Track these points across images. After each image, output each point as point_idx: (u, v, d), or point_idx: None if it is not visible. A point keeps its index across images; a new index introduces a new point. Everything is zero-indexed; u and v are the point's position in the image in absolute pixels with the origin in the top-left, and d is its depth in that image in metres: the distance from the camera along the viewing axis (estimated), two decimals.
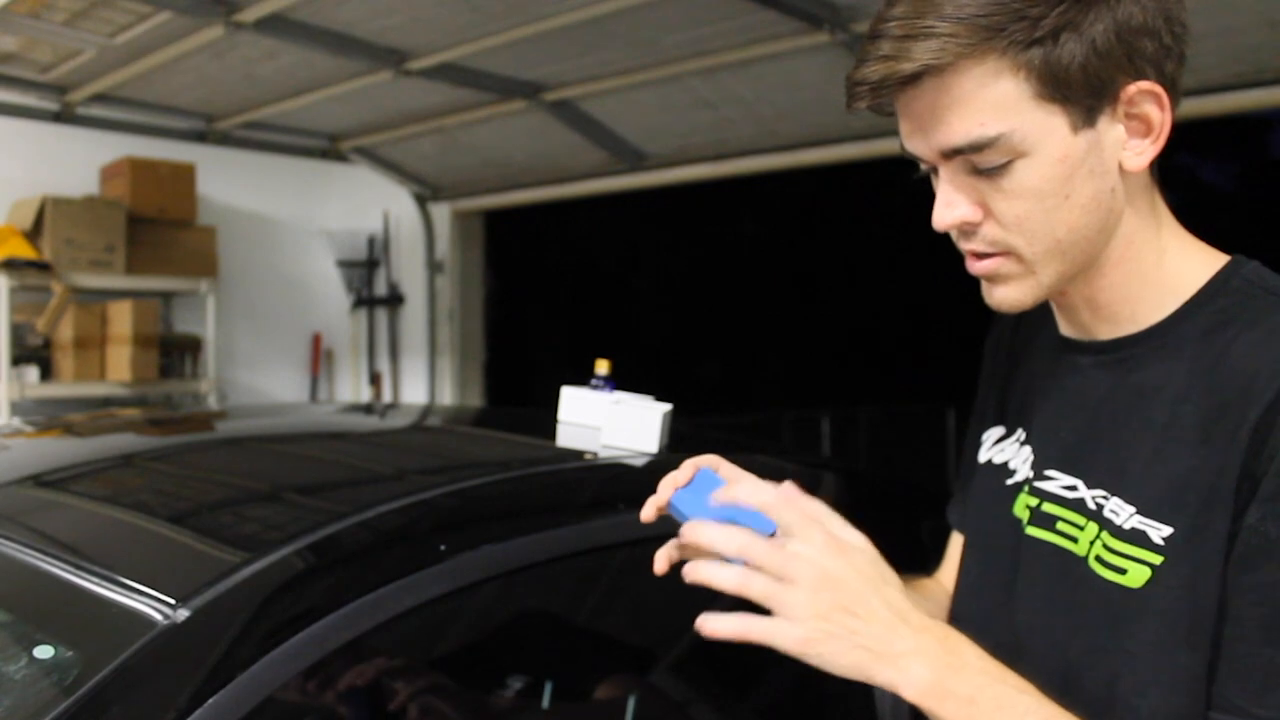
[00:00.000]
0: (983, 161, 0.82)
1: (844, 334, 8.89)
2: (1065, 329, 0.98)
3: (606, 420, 1.56)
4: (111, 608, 1.04)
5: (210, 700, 0.93)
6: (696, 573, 0.82)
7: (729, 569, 0.79)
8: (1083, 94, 0.81)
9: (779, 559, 0.79)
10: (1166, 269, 0.89)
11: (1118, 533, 0.86)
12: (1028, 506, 0.97)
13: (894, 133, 0.89)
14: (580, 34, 3.26)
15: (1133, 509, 0.86)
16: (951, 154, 0.83)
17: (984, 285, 0.90)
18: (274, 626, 1.02)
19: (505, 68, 3.70)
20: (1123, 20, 0.80)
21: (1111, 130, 0.83)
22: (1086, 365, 0.95)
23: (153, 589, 1.04)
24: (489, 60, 3.60)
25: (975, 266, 0.89)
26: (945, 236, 0.91)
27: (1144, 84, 0.82)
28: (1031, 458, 0.99)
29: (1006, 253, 0.86)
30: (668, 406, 1.57)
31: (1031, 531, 0.96)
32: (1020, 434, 1.03)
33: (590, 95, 3.91)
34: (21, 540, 1.22)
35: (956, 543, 1.15)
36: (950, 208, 0.86)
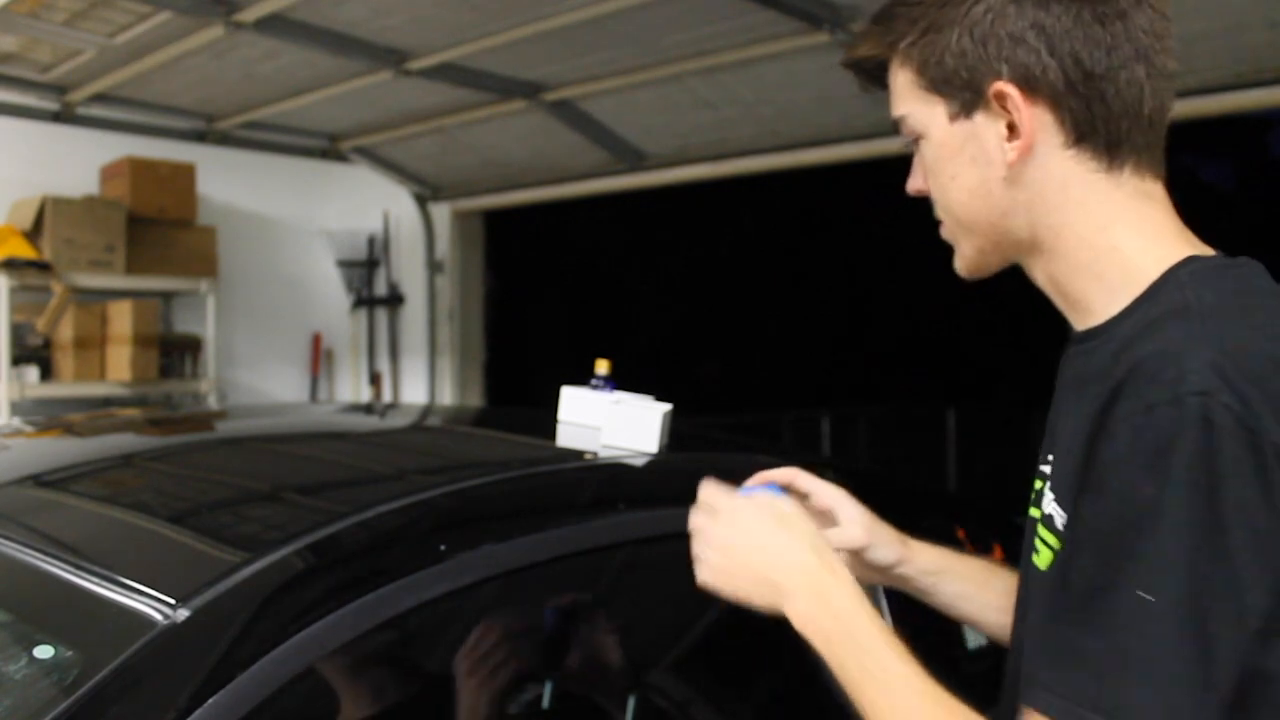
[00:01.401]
0: (904, 135, 0.98)
1: (844, 334, 8.89)
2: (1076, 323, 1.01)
3: (606, 420, 1.56)
4: (111, 608, 1.04)
5: (210, 700, 0.93)
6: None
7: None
8: (955, 90, 0.92)
9: (704, 532, 1.02)
10: (1119, 264, 0.90)
11: (1045, 521, 0.92)
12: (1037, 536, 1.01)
13: (893, 133, 0.98)
14: (580, 34, 3.26)
15: (1052, 496, 0.91)
16: (895, 126, 0.98)
17: None
18: (274, 626, 1.02)
19: (505, 68, 3.70)
20: (984, 25, 0.89)
21: (991, 126, 0.91)
22: (1069, 356, 0.97)
23: (153, 589, 1.04)
24: (489, 60, 3.60)
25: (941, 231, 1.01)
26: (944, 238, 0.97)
27: (1000, 83, 0.89)
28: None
29: (943, 221, 0.99)
30: (668, 406, 1.58)
31: (1036, 560, 0.99)
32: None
33: (590, 95, 3.91)
34: (21, 540, 1.22)
35: None
36: (912, 176, 1.00)
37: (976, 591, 1.17)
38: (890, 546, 1.14)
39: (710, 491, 1.05)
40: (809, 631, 0.93)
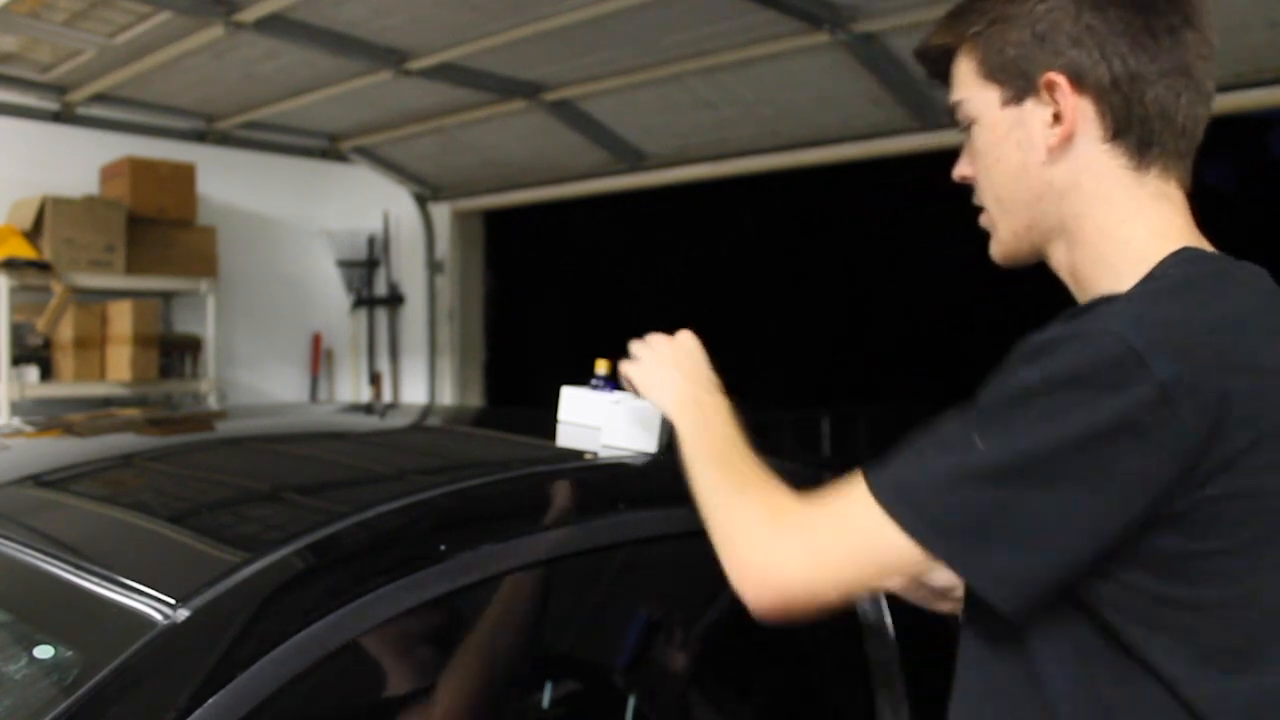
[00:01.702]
0: (959, 119, 1.06)
1: (844, 334, 8.89)
2: None
3: (606, 420, 1.56)
4: (111, 608, 1.04)
5: (210, 700, 0.93)
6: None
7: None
8: (1010, 78, 1.01)
9: (641, 351, 1.33)
10: (1130, 256, 0.96)
11: None
12: None
13: (894, 133, 1.03)
14: (580, 34, 3.26)
15: None
16: (952, 109, 1.07)
17: None
18: (274, 626, 1.02)
19: (505, 68, 3.70)
20: (1046, 20, 0.98)
21: (1038, 113, 1.00)
22: None
23: (153, 589, 1.04)
24: (489, 60, 3.60)
25: (981, 219, 1.08)
26: (944, 238, 0.98)
27: (1050, 75, 0.98)
28: None
29: (984, 209, 1.07)
30: None
31: None
32: None
33: (590, 95, 3.91)
34: (21, 540, 1.22)
35: None
36: (960, 162, 1.09)
37: None
38: None
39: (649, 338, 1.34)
40: (681, 412, 1.20)
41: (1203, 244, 0.99)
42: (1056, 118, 0.98)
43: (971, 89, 1.04)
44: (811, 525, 0.97)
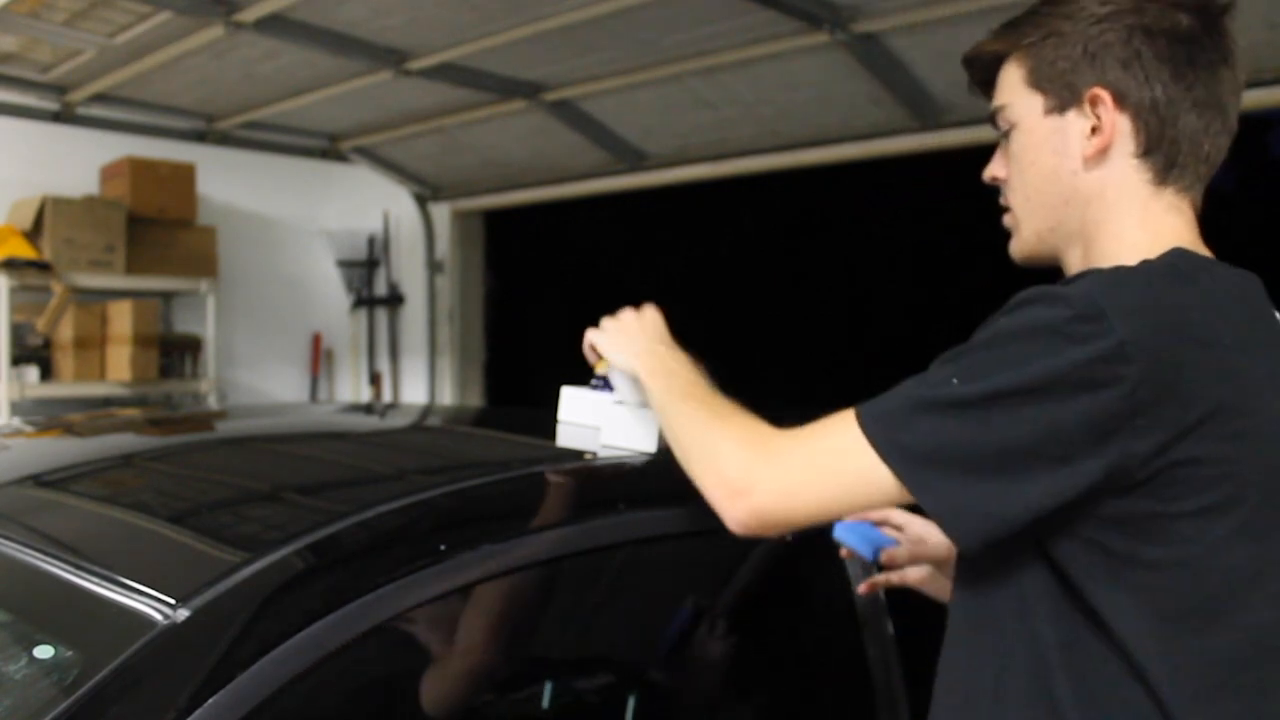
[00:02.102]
0: (999, 124, 1.12)
1: (844, 334, 8.88)
2: None
3: (606, 420, 1.56)
4: (111, 608, 1.04)
5: (210, 700, 0.93)
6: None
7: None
8: (1056, 88, 1.07)
9: (606, 322, 1.40)
10: (1135, 257, 1.01)
11: None
12: None
13: (894, 133, 1.06)
14: (580, 34, 3.26)
15: None
16: (993, 114, 1.13)
17: None
18: (274, 626, 1.02)
19: (505, 68, 3.70)
20: (1098, 37, 1.04)
21: (1078, 123, 1.06)
22: None
23: (153, 589, 1.04)
24: (489, 60, 3.59)
25: (1005, 219, 1.15)
26: (945, 237, 1.00)
27: (1096, 89, 1.05)
28: None
29: (1009, 208, 1.13)
30: None
31: None
32: None
33: (590, 95, 3.90)
34: (21, 540, 1.22)
35: None
36: (992, 163, 1.15)
37: None
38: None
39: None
40: (646, 362, 1.28)
41: (1204, 251, 1.06)
42: (1094, 130, 1.05)
43: (1017, 95, 1.10)
44: (791, 447, 1.05)
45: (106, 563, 1.13)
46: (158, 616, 1.00)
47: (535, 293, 7.27)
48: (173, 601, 1.01)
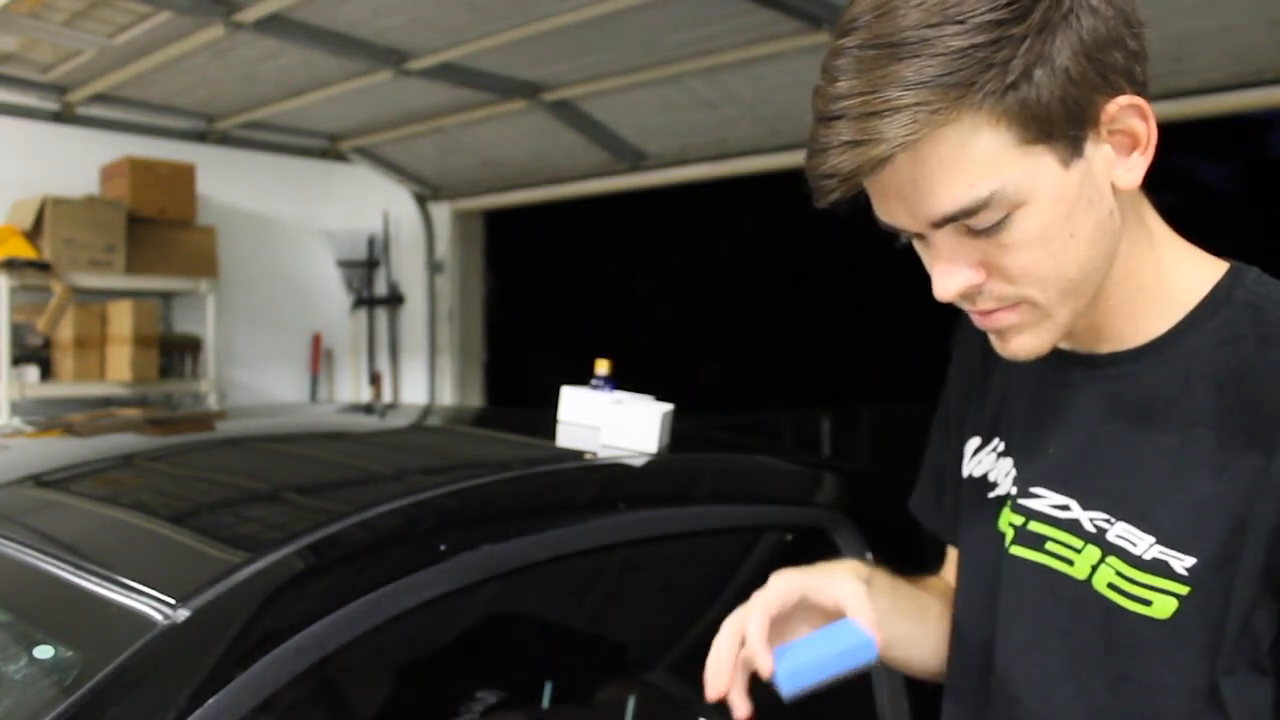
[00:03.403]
0: (978, 223, 0.77)
1: (845, 334, 8.89)
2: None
3: (606, 420, 1.56)
4: (111, 608, 1.04)
5: (210, 700, 0.93)
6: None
7: None
8: (1065, 127, 0.75)
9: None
10: (1166, 278, 0.86)
11: (1137, 563, 0.83)
12: (1011, 524, 0.94)
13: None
14: (580, 34, 3.26)
15: (1152, 539, 0.83)
16: (941, 222, 0.78)
17: (993, 337, 0.85)
18: (274, 626, 1.02)
19: (505, 68, 3.70)
20: (1088, 38, 0.74)
21: (1099, 153, 0.78)
22: (1080, 380, 0.91)
23: (153, 589, 1.04)
24: (489, 60, 3.60)
25: (986, 322, 0.84)
26: None
27: (1121, 99, 0.77)
28: (1014, 472, 0.96)
29: (1019, 303, 0.81)
30: (668, 406, 1.58)
31: (1016, 551, 0.92)
32: (997, 444, 0.99)
33: (590, 95, 3.91)
34: (21, 540, 1.22)
35: (952, 551, 1.12)
36: (950, 277, 0.81)
37: (919, 630, 1.02)
38: (862, 573, 0.95)
39: None
40: None
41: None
42: (1123, 150, 0.79)
43: (1010, 169, 0.75)
44: None
45: (106, 563, 1.13)
46: (158, 616, 1.00)
47: (535, 293, 7.27)
48: (173, 601, 1.01)
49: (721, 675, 0.88)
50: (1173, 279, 0.86)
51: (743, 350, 8.78)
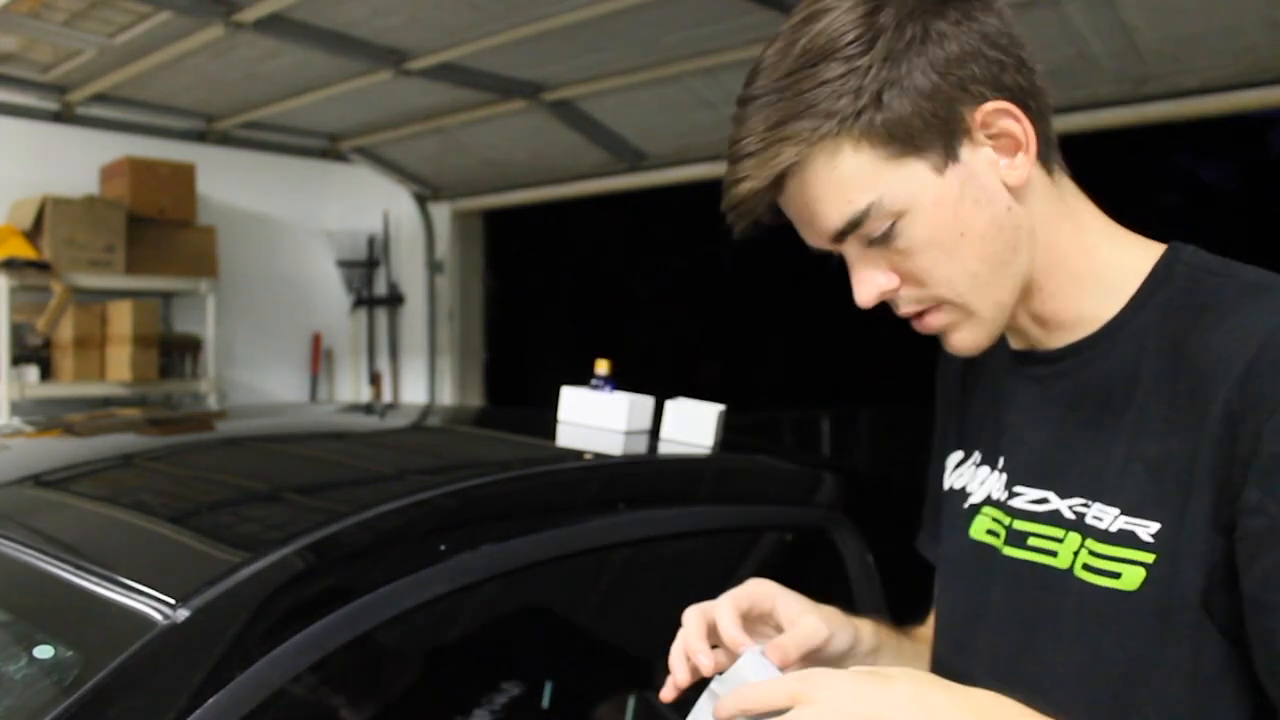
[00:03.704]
0: (868, 232, 0.85)
1: (844, 333, 8.89)
2: (1015, 343, 0.97)
3: (667, 417, 1.71)
4: (111, 608, 1.04)
5: (210, 700, 0.93)
6: None
7: None
8: (930, 137, 0.82)
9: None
10: (1100, 265, 0.90)
11: (1105, 537, 0.85)
12: (998, 526, 0.95)
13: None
14: (580, 34, 3.26)
15: (1116, 510, 0.85)
16: (838, 237, 0.86)
17: (941, 337, 0.92)
18: (274, 626, 1.02)
19: (505, 68, 3.70)
20: (936, 58, 0.81)
21: (978, 156, 0.84)
22: (1045, 375, 0.93)
23: (153, 589, 1.04)
24: (489, 60, 3.60)
25: (920, 325, 0.91)
26: None
27: (987, 105, 0.83)
28: (993, 477, 0.98)
29: (938, 304, 0.88)
30: (721, 407, 1.70)
31: (1009, 552, 0.93)
32: (976, 456, 1.02)
33: (590, 95, 3.91)
34: (21, 540, 1.22)
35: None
36: (865, 284, 0.88)
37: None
38: (844, 630, 0.98)
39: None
40: None
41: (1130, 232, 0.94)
42: (1003, 150, 0.85)
43: (884, 180, 0.82)
44: None
45: (106, 563, 1.13)
46: (158, 616, 1.00)
47: (535, 293, 7.27)
48: (173, 601, 1.01)
49: (684, 667, 0.92)
50: (1108, 264, 0.90)
51: (742, 350, 8.79)
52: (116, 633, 0.99)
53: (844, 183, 0.83)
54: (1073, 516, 0.88)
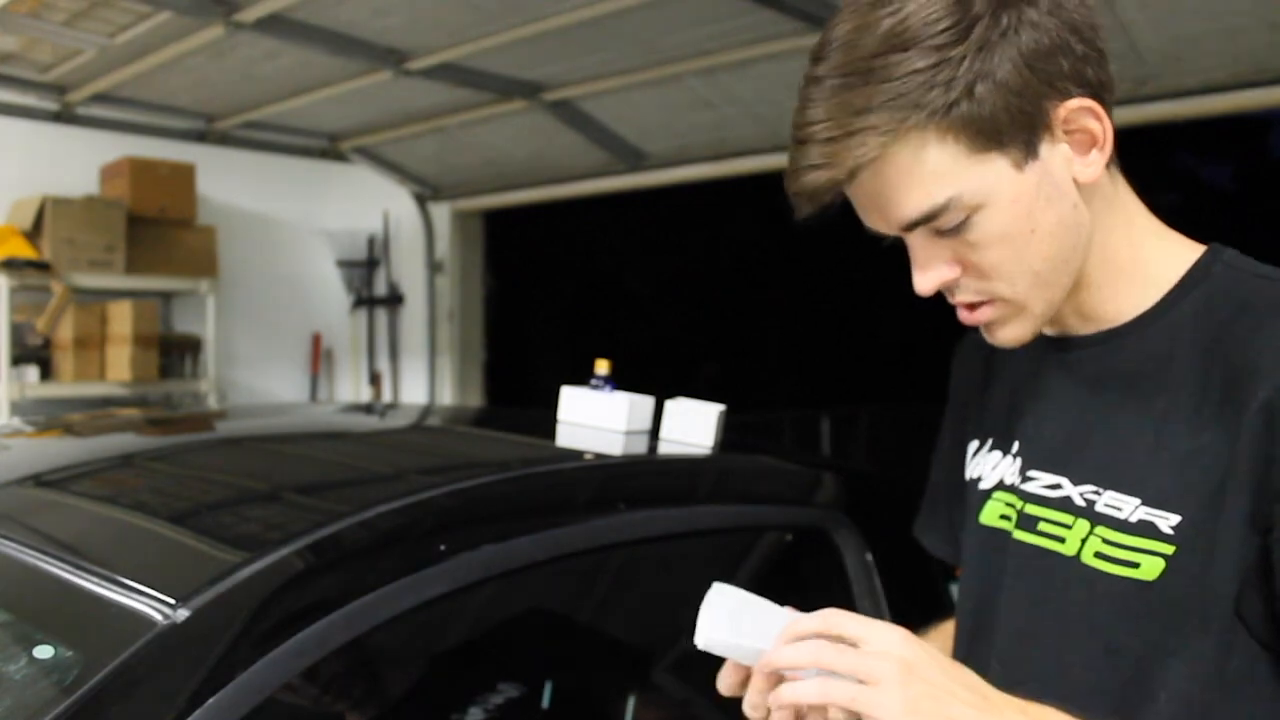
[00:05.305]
0: (942, 224, 0.84)
1: (844, 333, 8.89)
2: (1049, 330, 0.96)
3: (666, 417, 1.71)
4: (111, 608, 1.04)
5: (210, 700, 0.93)
6: (780, 697, 0.80)
7: (808, 683, 0.78)
8: (1015, 133, 0.81)
9: (861, 662, 0.77)
10: (1144, 261, 0.90)
11: (1123, 527, 0.85)
12: (1011, 511, 0.96)
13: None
14: (580, 34, 3.26)
15: (1137, 500, 0.85)
16: (910, 226, 0.85)
17: (984, 328, 0.91)
18: (274, 626, 1.02)
19: (505, 68, 3.70)
20: (1028, 50, 0.80)
21: (1056, 153, 0.84)
22: (1072, 362, 0.94)
23: (153, 589, 1.04)
24: (489, 60, 3.60)
25: (968, 317, 0.90)
26: None
27: (1071, 102, 0.82)
28: (1005, 461, 0.99)
29: (993, 299, 0.88)
30: (722, 406, 1.70)
31: (1019, 536, 0.94)
32: (992, 441, 1.02)
33: (590, 95, 3.91)
34: (21, 540, 1.22)
35: None
36: (926, 272, 0.87)
37: None
38: None
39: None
40: None
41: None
42: (1080, 148, 0.84)
43: (965, 176, 0.81)
44: None
45: (106, 563, 1.13)
46: (158, 616, 1.00)
47: (535, 293, 7.27)
48: (173, 601, 1.01)
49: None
50: (1152, 262, 0.90)
51: (742, 350, 8.79)
52: (116, 633, 0.99)
53: (925, 175, 0.82)
54: (1083, 503, 0.89)
